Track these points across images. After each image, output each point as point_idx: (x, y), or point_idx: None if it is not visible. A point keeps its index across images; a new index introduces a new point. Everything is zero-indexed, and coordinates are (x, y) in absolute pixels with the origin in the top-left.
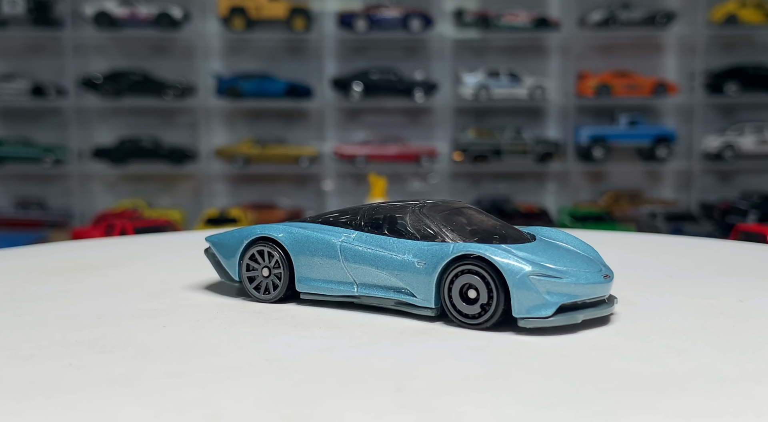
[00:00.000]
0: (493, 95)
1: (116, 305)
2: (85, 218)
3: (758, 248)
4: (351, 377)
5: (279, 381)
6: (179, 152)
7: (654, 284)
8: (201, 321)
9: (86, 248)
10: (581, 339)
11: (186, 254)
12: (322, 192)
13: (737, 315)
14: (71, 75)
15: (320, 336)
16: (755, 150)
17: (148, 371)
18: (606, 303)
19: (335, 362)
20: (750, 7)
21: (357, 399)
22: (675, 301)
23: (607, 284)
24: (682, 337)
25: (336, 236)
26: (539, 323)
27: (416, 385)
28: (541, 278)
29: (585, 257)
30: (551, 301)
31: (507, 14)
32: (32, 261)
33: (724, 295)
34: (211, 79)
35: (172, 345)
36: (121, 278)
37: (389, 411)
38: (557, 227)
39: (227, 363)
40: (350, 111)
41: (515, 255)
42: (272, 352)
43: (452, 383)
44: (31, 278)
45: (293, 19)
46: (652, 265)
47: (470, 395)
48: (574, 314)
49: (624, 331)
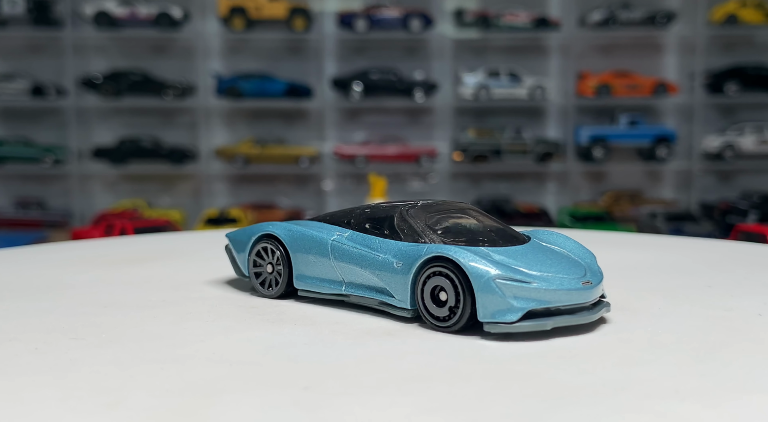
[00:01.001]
0: (493, 95)
1: (133, 295)
2: (85, 218)
3: (758, 248)
4: (269, 374)
5: (197, 374)
6: (179, 152)
7: (658, 289)
8: (192, 313)
9: (129, 243)
10: (546, 347)
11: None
12: (322, 192)
13: (733, 328)
14: (71, 75)
15: (288, 333)
16: (755, 150)
17: (94, 357)
18: (588, 310)
19: (274, 359)
20: (750, 7)
21: (258, 396)
22: (676, 310)
23: (587, 291)
24: (651, 349)
25: (329, 235)
26: (504, 328)
27: (326, 385)
28: (507, 283)
29: (571, 263)
30: (517, 306)
31: (507, 14)
32: (79, 253)
33: (726, 304)
34: (211, 79)
35: (145, 334)
36: (154, 272)
37: (280, 409)
38: (557, 227)
39: (175, 354)
40: (350, 111)
41: (486, 258)
42: (226, 346)
43: (364, 385)
44: (73, 268)
45: (293, 19)
46: (660, 268)
47: (369, 397)
48: (545, 320)
49: (595, 340)
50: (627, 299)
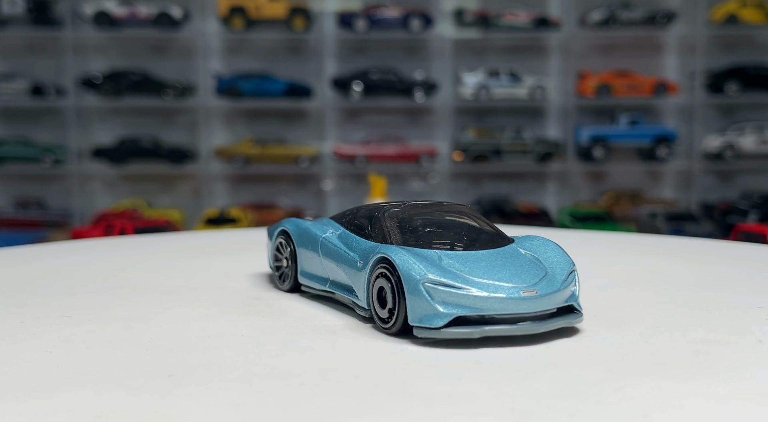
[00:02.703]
0: (493, 95)
1: (162, 281)
2: (84, 218)
3: (758, 248)
4: (155, 359)
5: (121, 361)
6: (179, 152)
7: (648, 295)
8: (189, 300)
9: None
10: (466, 356)
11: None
12: (322, 192)
13: (702, 351)
14: (71, 75)
15: (246, 324)
16: (756, 150)
17: (59, 336)
18: (536, 321)
19: (190, 346)
20: (750, 7)
21: (123, 380)
22: (657, 318)
23: (528, 302)
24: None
25: (323, 232)
26: (430, 333)
27: (192, 375)
28: (436, 287)
29: (527, 271)
30: (444, 312)
31: (507, 14)
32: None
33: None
34: (211, 79)
35: (125, 316)
36: (205, 263)
37: (152, 395)
38: (557, 227)
39: (124, 337)
40: (350, 111)
41: (427, 262)
42: (172, 335)
43: (220, 377)
44: (157, 256)
45: (293, 18)
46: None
47: (196, 389)
48: (473, 328)
49: (524, 352)
50: (608, 306)
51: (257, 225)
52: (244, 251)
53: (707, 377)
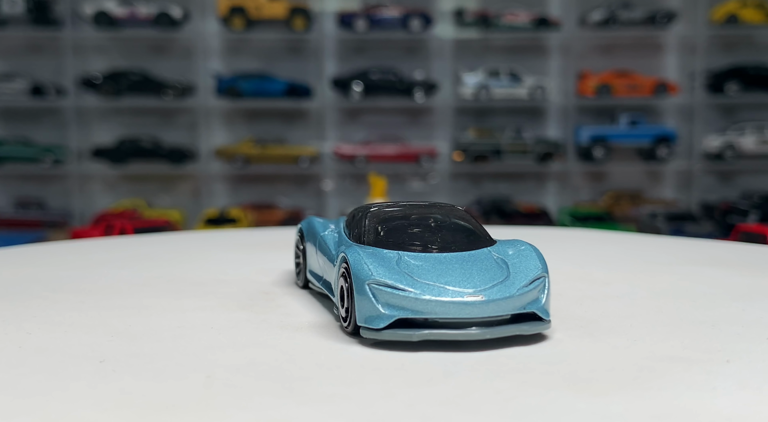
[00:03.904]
0: (493, 95)
1: (173, 272)
2: (84, 218)
3: (758, 248)
4: (115, 346)
5: (76, 345)
6: (179, 152)
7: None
8: (194, 293)
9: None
10: (392, 360)
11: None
12: (322, 192)
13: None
14: (71, 75)
15: (227, 318)
16: (756, 150)
17: (46, 321)
18: (484, 327)
19: (154, 336)
20: (750, 6)
21: (64, 366)
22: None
23: (471, 306)
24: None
25: (323, 230)
26: (374, 334)
27: (125, 362)
28: (381, 288)
29: (482, 276)
30: (386, 313)
31: (507, 14)
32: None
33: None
34: (210, 79)
35: (121, 305)
36: (235, 257)
37: (67, 379)
38: (557, 227)
39: (102, 324)
40: (350, 111)
41: (380, 263)
42: (148, 323)
43: (152, 368)
44: (158, 256)
45: (293, 18)
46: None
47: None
48: (413, 331)
49: (458, 358)
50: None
51: (257, 225)
52: (265, 247)
53: (634, 396)
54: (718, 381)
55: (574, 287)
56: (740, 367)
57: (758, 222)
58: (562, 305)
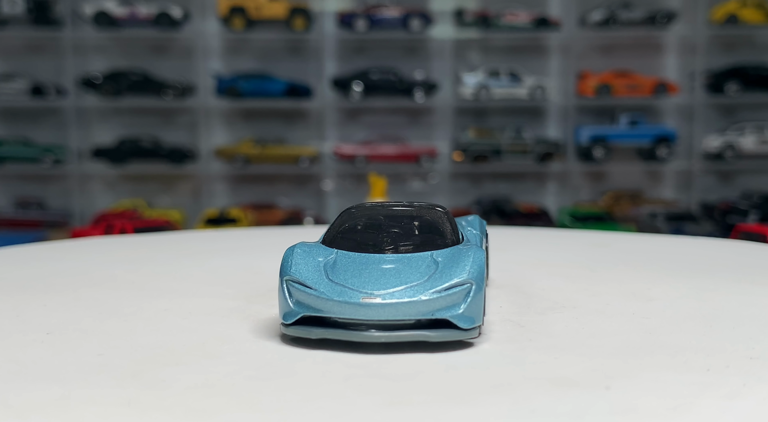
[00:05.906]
0: (493, 95)
1: (173, 272)
2: (84, 218)
3: (756, 248)
4: (84, 341)
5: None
6: (179, 152)
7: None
8: (184, 292)
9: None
10: (326, 358)
11: None
12: (322, 192)
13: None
14: (71, 75)
15: (227, 318)
16: (756, 150)
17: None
18: (386, 329)
19: (134, 339)
20: (750, 7)
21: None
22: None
23: (366, 308)
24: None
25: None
26: (284, 330)
27: (115, 353)
28: (294, 285)
29: (397, 278)
30: (294, 310)
31: (507, 14)
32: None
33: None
34: (210, 79)
35: (117, 298)
36: (246, 258)
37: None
38: (557, 227)
39: (86, 306)
40: (350, 111)
41: (305, 260)
42: (139, 324)
43: (116, 364)
44: (159, 255)
45: (293, 18)
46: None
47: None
48: (312, 329)
49: (357, 360)
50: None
51: (257, 225)
52: (265, 248)
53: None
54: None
55: (549, 297)
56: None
57: (758, 222)
58: (523, 314)
